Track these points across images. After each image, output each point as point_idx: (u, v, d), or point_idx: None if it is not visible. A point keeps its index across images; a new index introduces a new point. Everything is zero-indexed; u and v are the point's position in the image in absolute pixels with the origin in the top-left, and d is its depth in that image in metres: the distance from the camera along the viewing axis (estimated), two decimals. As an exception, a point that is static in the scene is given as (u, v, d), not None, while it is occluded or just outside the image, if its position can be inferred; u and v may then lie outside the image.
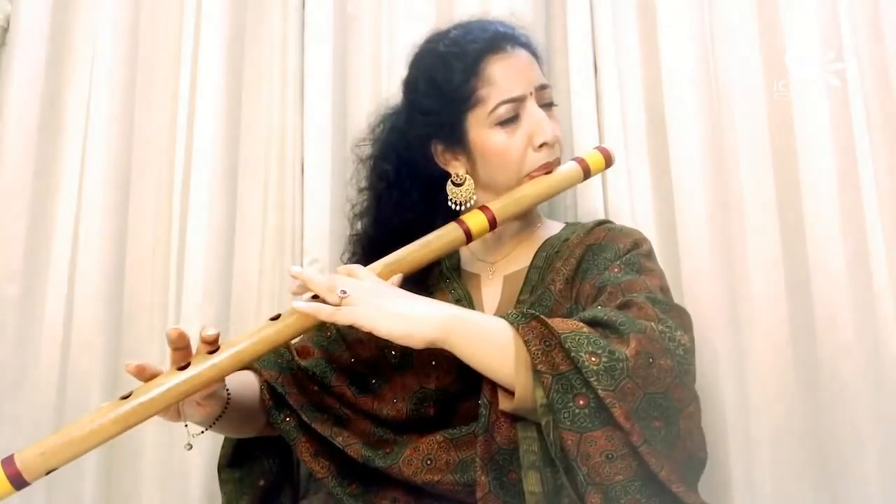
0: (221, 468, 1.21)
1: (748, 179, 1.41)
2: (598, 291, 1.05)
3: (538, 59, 1.18)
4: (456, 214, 1.12)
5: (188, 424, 1.03)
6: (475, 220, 1.09)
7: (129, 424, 0.89)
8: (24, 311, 1.51)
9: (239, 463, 1.21)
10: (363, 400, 1.15)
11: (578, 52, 1.50)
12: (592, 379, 0.86)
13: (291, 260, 1.55)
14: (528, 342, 0.90)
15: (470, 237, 1.08)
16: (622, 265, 1.07)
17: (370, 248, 1.22)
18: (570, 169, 1.15)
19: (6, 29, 1.58)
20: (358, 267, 1.01)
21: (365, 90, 1.63)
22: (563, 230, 1.23)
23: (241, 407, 1.09)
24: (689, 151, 1.43)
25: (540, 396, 0.88)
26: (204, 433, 1.06)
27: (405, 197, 1.22)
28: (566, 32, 1.52)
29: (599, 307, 0.99)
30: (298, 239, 1.55)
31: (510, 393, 0.93)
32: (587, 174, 1.15)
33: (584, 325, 0.92)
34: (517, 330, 0.92)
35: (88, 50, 1.60)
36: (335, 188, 1.55)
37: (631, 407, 0.85)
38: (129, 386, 0.93)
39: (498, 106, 1.10)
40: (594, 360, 0.87)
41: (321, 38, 1.59)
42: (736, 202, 1.41)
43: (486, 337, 0.94)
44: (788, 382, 1.34)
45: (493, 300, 1.17)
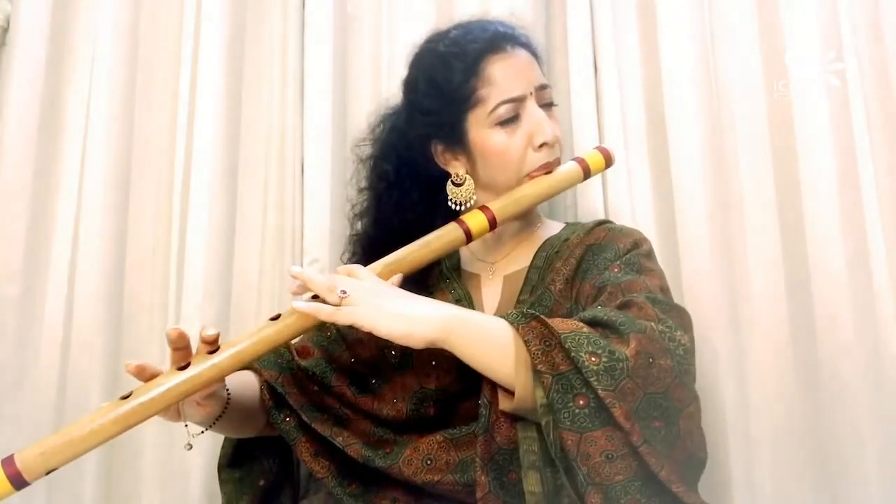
0: (221, 468, 1.21)
1: (748, 179, 1.41)
2: (598, 291, 1.05)
3: (538, 59, 1.18)
4: (456, 214, 1.12)
5: (188, 424, 1.03)
6: (475, 220, 1.09)
7: (129, 424, 0.89)
8: (24, 311, 1.51)
9: (239, 463, 1.21)
10: (363, 400, 1.15)
11: (578, 52, 1.50)
12: (592, 379, 0.85)
13: (291, 260, 1.55)
14: (528, 342, 0.90)
15: (470, 237, 1.08)
16: (622, 265, 1.07)
17: (370, 248, 1.22)
18: (570, 169, 1.15)
19: (6, 29, 1.58)
20: (358, 267, 1.01)
21: (365, 90, 1.63)
22: (563, 230, 1.23)
23: (241, 407, 1.08)
24: (689, 151, 1.43)
25: (540, 396, 0.88)
26: (204, 433, 1.06)
27: (405, 197, 1.22)
28: (566, 32, 1.52)
29: (599, 307, 0.99)
30: (298, 239, 1.55)
31: (510, 393, 0.92)
32: (587, 174, 1.15)
33: (584, 325, 0.92)
34: (517, 330, 0.92)
35: (88, 50, 1.60)
36: (335, 188, 1.55)
37: (631, 407, 0.85)
38: (129, 386, 0.93)
39: (498, 106, 1.10)
40: (594, 360, 0.87)
41: (321, 38, 1.59)
42: (736, 202, 1.41)
43: (486, 337, 0.94)
44: (788, 382, 1.34)
45: (493, 300, 1.17)
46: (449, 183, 1.16)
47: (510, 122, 1.11)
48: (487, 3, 1.55)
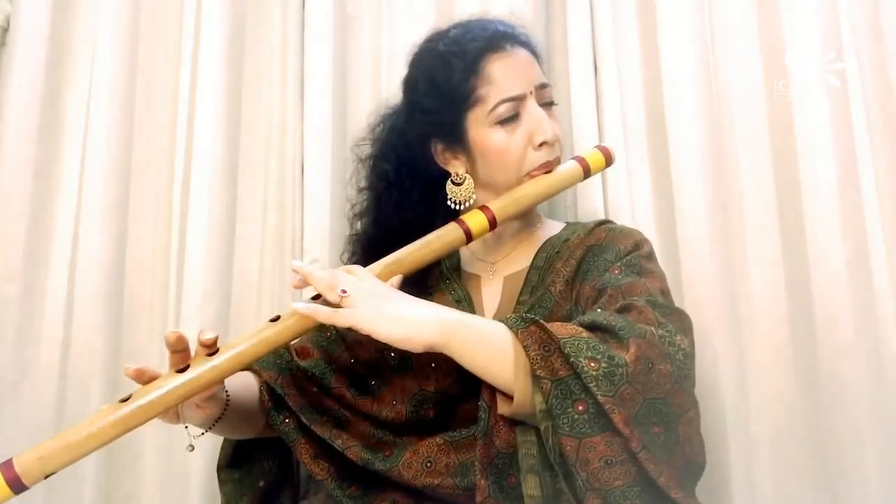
0: (221, 469, 1.20)
1: (748, 179, 1.41)
2: (598, 293, 1.04)
3: (538, 58, 1.17)
4: (456, 214, 1.11)
5: (188, 426, 1.02)
6: (475, 219, 1.08)
7: (128, 427, 0.89)
8: (24, 311, 1.51)
9: (238, 464, 1.20)
10: (363, 402, 1.15)
11: (578, 52, 1.50)
12: (592, 384, 0.85)
13: (291, 260, 1.55)
14: (527, 347, 0.90)
15: (470, 237, 1.08)
16: (623, 267, 1.07)
17: (370, 247, 1.22)
18: (570, 168, 1.14)
19: (6, 29, 1.57)
20: (357, 268, 1.01)
21: (365, 90, 1.63)
22: (563, 230, 1.23)
23: (240, 408, 1.08)
24: (689, 151, 1.42)
25: (539, 402, 0.88)
26: (203, 435, 1.06)
27: (405, 197, 1.22)
28: (566, 32, 1.52)
29: (599, 311, 0.99)
30: (298, 239, 1.55)
31: (509, 397, 0.92)
32: (587, 173, 1.15)
33: (583, 329, 0.92)
34: (516, 335, 0.92)
35: (88, 50, 1.60)
36: (335, 188, 1.55)
37: (630, 412, 0.85)
38: (129, 386, 0.92)
39: (498, 105, 1.10)
40: (593, 365, 0.86)
41: (321, 38, 1.59)
42: (736, 202, 1.41)
43: (485, 342, 0.93)
44: (788, 382, 1.34)
45: (493, 301, 1.17)
46: (448, 182, 1.16)
47: (510, 121, 1.11)
48: (487, 2, 1.55)
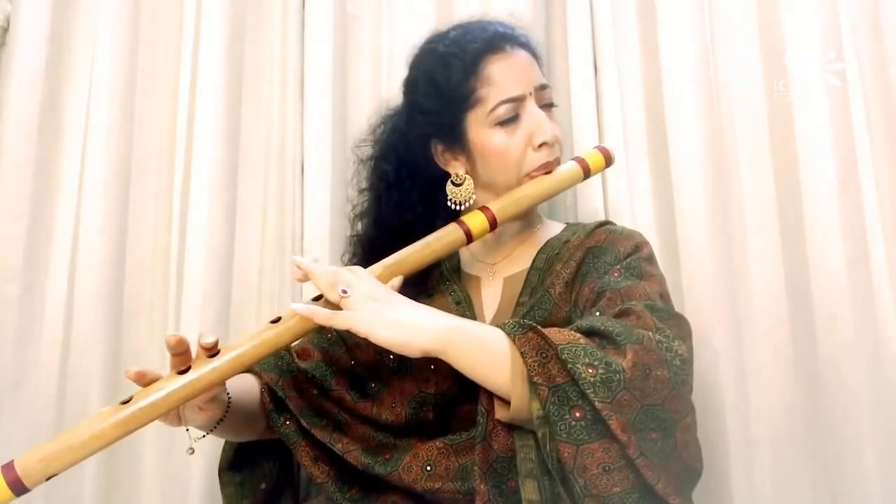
0: (222, 471, 1.20)
1: (748, 179, 1.41)
2: (597, 296, 1.04)
3: (538, 59, 1.17)
4: (456, 215, 1.11)
5: (189, 429, 1.02)
6: (475, 220, 1.08)
7: (129, 429, 0.89)
8: (24, 311, 1.51)
9: (240, 466, 1.20)
10: (362, 405, 1.14)
11: (578, 52, 1.50)
12: (589, 391, 0.85)
13: (291, 260, 1.55)
14: (524, 354, 0.90)
15: (470, 237, 1.08)
16: (622, 269, 1.07)
17: (370, 248, 1.21)
18: (570, 168, 1.14)
19: (6, 29, 1.57)
20: (358, 269, 1.01)
21: (365, 90, 1.63)
22: (563, 231, 1.23)
23: (241, 410, 1.08)
24: (689, 151, 1.42)
25: (536, 408, 0.88)
26: (204, 437, 1.06)
27: (405, 197, 1.22)
28: (566, 32, 1.52)
29: (597, 316, 0.99)
30: (298, 239, 1.55)
31: (507, 402, 0.92)
32: (587, 174, 1.15)
33: (580, 335, 0.92)
34: (514, 341, 0.92)
35: (88, 50, 1.60)
36: (335, 188, 1.55)
37: (628, 419, 0.85)
38: (129, 386, 0.92)
39: (497, 106, 1.10)
40: (591, 371, 0.86)
41: (321, 38, 1.59)
42: (736, 202, 1.41)
43: (482, 348, 0.93)
44: (788, 382, 1.34)
45: (492, 302, 1.17)
46: (448, 183, 1.16)
47: (510, 122, 1.11)
48: (487, 3, 1.55)
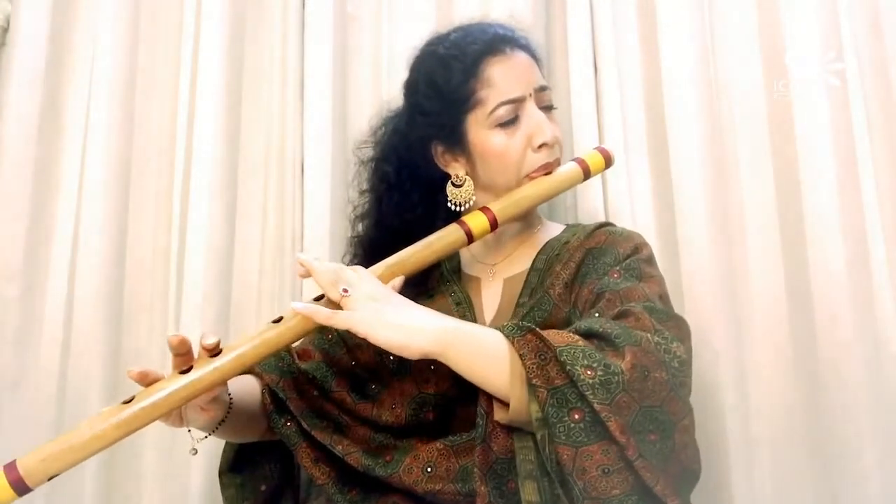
0: (223, 473, 1.20)
1: (748, 179, 1.41)
2: (596, 297, 1.04)
3: (538, 61, 1.18)
4: (456, 216, 1.12)
5: (191, 430, 1.02)
6: (476, 220, 1.09)
7: (131, 429, 0.89)
8: (24, 311, 1.51)
9: (240, 468, 1.20)
10: (363, 406, 1.14)
11: (578, 52, 1.50)
12: (588, 393, 0.85)
13: (291, 260, 1.55)
14: (523, 356, 0.90)
15: (471, 238, 1.08)
16: (622, 271, 1.07)
17: (371, 249, 1.21)
18: (570, 169, 1.15)
19: (6, 29, 1.57)
20: (359, 269, 1.01)
21: (365, 90, 1.63)
22: (563, 232, 1.23)
23: (242, 411, 1.08)
24: (689, 151, 1.43)
25: (535, 410, 0.88)
26: (206, 438, 1.06)
27: (406, 198, 1.22)
28: (566, 32, 1.52)
29: (595, 318, 0.99)
30: (298, 239, 1.55)
31: (506, 403, 0.92)
32: (587, 175, 1.15)
33: (579, 337, 0.92)
34: (512, 343, 0.92)
35: (88, 50, 1.60)
36: (335, 188, 1.55)
37: (626, 420, 0.85)
38: (129, 386, 0.92)
39: (497, 107, 1.10)
40: (590, 373, 0.86)
41: (321, 38, 1.59)
42: (736, 202, 1.41)
43: (481, 350, 0.93)
44: (788, 382, 1.34)
45: (492, 303, 1.17)
46: (449, 184, 1.16)
47: (510, 123, 1.11)
48: (487, 2, 1.55)
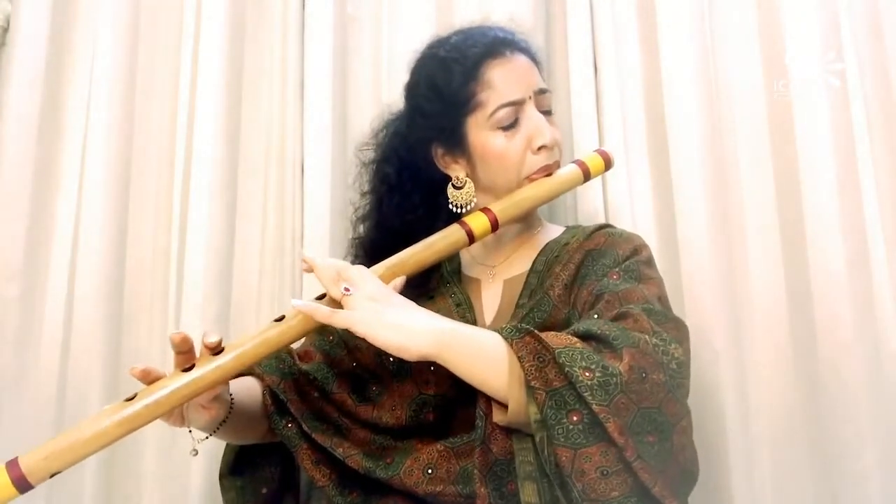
0: (223, 476, 1.20)
1: (748, 179, 1.41)
2: (595, 298, 1.05)
3: (538, 64, 1.18)
4: (457, 218, 1.12)
5: (192, 430, 1.03)
6: (477, 221, 1.09)
7: (133, 427, 0.89)
8: (24, 311, 1.51)
9: (241, 471, 1.20)
10: (363, 409, 1.14)
11: (578, 52, 1.50)
12: (587, 394, 0.85)
13: (291, 260, 1.55)
14: (521, 358, 0.90)
15: (472, 238, 1.08)
16: (621, 272, 1.07)
17: (372, 251, 1.21)
18: (570, 171, 1.15)
19: (6, 29, 1.57)
20: (361, 268, 1.01)
21: (365, 90, 1.63)
22: (563, 234, 1.23)
23: (243, 412, 1.08)
24: (689, 151, 1.42)
25: (533, 412, 0.88)
26: (207, 438, 1.06)
27: (406, 200, 1.22)
28: (566, 33, 1.52)
29: (595, 318, 0.99)
30: (298, 239, 1.55)
31: (505, 405, 0.92)
32: (587, 177, 1.16)
33: (577, 339, 0.92)
34: (511, 345, 0.92)
35: (88, 50, 1.60)
36: (335, 188, 1.55)
37: (625, 422, 0.85)
38: (129, 386, 0.92)
39: (497, 109, 1.11)
40: (588, 375, 0.87)
41: (321, 38, 1.59)
42: (736, 202, 1.41)
43: (479, 352, 0.94)
44: (788, 382, 1.34)
45: (492, 304, 1.17)
46: (449, 186, 1.17)
47: (509, 125, 1.11)
48: (487, 2, 1.55)
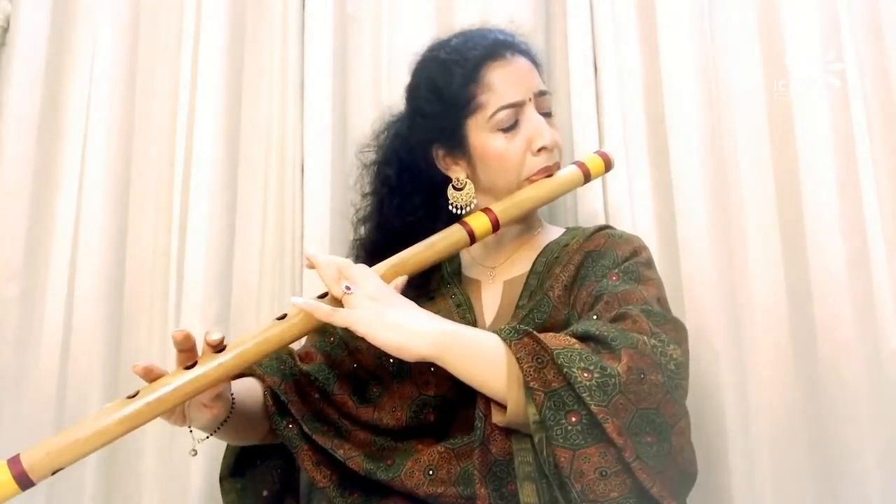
0: (224, 478, 1.20)
1: (748, 179, 1.41)
2: (594, 300, 1.05)
3: (538, 66, 1.18)
4: (457, 219, 1.12)
5: (192, 430, 1.03)
6: (478, 221, 1.09)
7: (134, 424, 0.89)
8: (24, 311, 1.51)
9: (241, 472, 1.20)
10: (364, 410, 1.14)
11: (578, 52, 1.50)
12: (585, 395, 0.86)
13: (291, 260, 1.55)
14: (520, 359, 0.90)
15: (473, 238, 1.08)
16: (620, 273, 1.07)
17: (373, 252, 1.21)
18: (570, 172, 1.15)
19: (6, 29, 1.57)
20: (363, 267, 1.01)
21: (365, 90, 1.63)
22: (563, 235, 1.23)
23: (244, 412, 1.08)
24: (689, 151, 1.42)
25: (532, 413, 0.88)
26: (208, 438, 1.06)
27: (407, 201, 1.22)
28: (566, 33, 1.52)
29: (594, 319, 0.99)
30: (298, 239, 1.55)
31: (504, 406, 0.93)
32: (587, 178, 1.16)
33: (575, 340, 0.92)
34: (509, 346, 0.92)
35: (88, 50, 1.60)
36: (335, 189, 1.55)
37: (623, 422, 0.85)
38: (129, 386, 0.92)
39: (497, 111, 1.11)
40: (586, 375, 0.87)
41: (321, 38, 1.59)
42: (736, 202, 1.41)
43: (479, 354, 0.94)
44: (788, 382, 1.34)
45: (492, 305, 1.17)
46: (450, 187, 1.17)
47: (509, 127, 1.12)
48: (487, 2, 1.55)
